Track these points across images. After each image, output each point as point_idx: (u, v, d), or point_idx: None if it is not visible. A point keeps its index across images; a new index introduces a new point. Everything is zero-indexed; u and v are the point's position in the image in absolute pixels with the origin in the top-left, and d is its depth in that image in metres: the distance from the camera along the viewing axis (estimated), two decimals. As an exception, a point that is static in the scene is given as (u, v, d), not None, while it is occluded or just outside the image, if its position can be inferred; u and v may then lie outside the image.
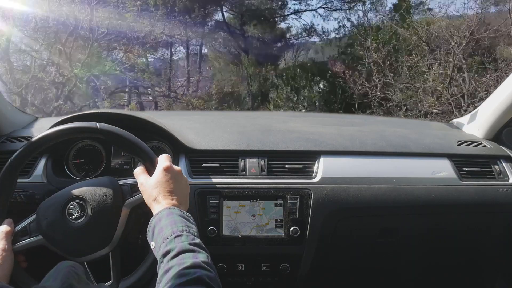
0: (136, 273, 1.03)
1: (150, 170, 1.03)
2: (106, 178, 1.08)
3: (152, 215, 0.93)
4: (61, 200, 1.03)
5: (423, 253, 1.50)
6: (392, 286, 1.68)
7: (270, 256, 1.30)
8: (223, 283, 1.31)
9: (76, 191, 1.04)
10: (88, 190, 1.04)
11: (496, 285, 1.60)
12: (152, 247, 0.87)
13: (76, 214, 1.01)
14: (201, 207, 1.26)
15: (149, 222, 0.90)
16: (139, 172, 1.03)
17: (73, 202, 1.02)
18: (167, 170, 0.99)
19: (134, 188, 1.04)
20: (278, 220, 1.28)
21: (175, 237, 0.82)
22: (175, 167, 1.02)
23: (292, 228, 1.26)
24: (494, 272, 1.61)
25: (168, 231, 0.83)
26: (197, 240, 0.83)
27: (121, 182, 1.07)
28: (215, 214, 1.26)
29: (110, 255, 1.03)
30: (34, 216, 1.04)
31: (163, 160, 1.02)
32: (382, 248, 1.45)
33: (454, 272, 1.64)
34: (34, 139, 1.03)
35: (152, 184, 0.97)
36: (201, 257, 0.78)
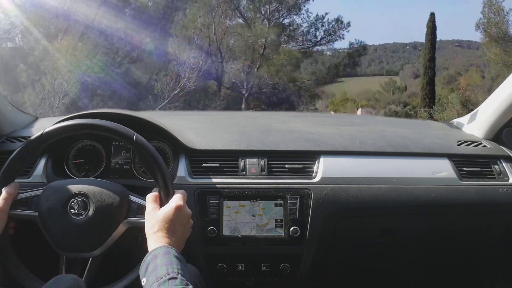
0: None
1: (162, 200, 1.01)
2: (119, 187, 1.06)
3: (145, 242, 0.93)
4: (68, 190, 1.03)
5: (423, 253, 1.50)
6: (392, 286, 1.68)
7: (270, 256, 1.30)
8: (223, 283, 1.32)
9: (86, 188, 1.03)
10: (98, 192, 1.03)
11: (496, 285, 1.60)
12: (142, 283, 0.85)
13: (77, 210, 1.01)
14: (201, 207, 1.26)
15: (144, 258, 0.88)
16: (151, 199, 1.01)
17: (78, 197, 1.02)
18: (178, 209, 0.97)
19: (141, 210, 1.03)
20: (278, 220, 1.28)
21: (170, 278, 0.79)
22: (187, 209, 1.00)
23: (292, 228, 1.26)
24: (494, 272, 1.61)
25: (163, 271, 0.81)
26: (190, 286, 0.81)
27: (132, 198, 1.06)
28: (215, 214, 1.26)
29: (89, 261, 1.02)
30: (39, 192, 1.04)
31: (179, 198, 1.00)
32: (382, 248, 1.45)
33: (454, 272, 1.64)
34: (67, 123, 1.02)
35: (158, 217, 0.95)
36: None
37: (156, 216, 0.96)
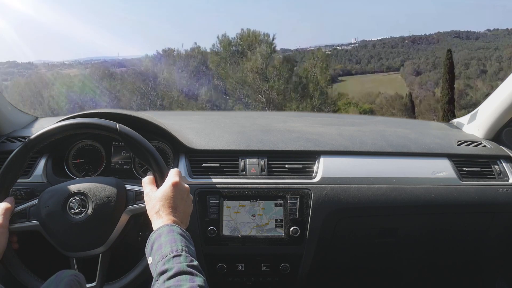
0: (122, 280, 1.02)
1: (158, 182, 1.02)
2: (114, 179, 1.07)
3: (151, 225, 0.93)
4: (64, 192, 1.03)
5: (423, 253, 1.50)
6: (392, 286, 1.68)
7: (270, 256, 1.30)
8: (223, 283, 1.32)
9: (81, 186, 1.04)
10: (93, 188, 1.03)
11: (496, 285, 1.60)
12: (149, 262, 0.85)
13: (77, 209, 1.01)
14: (201, 207, 1.26)
15: (149, 237, 0.88)
16: (147, 181, 1.02)
17: (76, 196, 1.02)
18: (175, 185, 0.97)
19: (139, 196, 1.04)
20: (278, 220, 1.28)
21: (174, 256, 0.80)
22: (184, 184, 1.01)
23: (292, 228, 1.26)
24: (494, 272, 1.61)
25: (167, 249, 0.82)
26: (195, 262, 0.81)
27: (128, 187, 1.06)
28: (215, 214, 1.26)
29: (100, 257, 1.02)
30: (36, 201, 1.04)
31: (173, 175, 1.00)
32: (382, 248, 1.45)
33: (454, 272, 1.64)
34: (47, 128, 1.03)
35: (157, 197, 0.96)
36: (198, 280, 0.77)
37: (155, 196, 0.96)
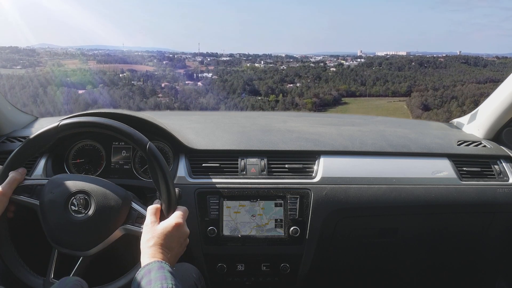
0: None
1: (162, 213, 1.01)
2: (124, 191, 1.05)
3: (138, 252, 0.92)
4: (72, 186, 1.03)
5: (423, 253, 1.50)
6: (392, 286, 1.68)
7: (270, 256, 1.30)
8: (223, 283, 1.32)
9: (90, 187, 1.03)
10: (101, 193, 1.02)
11: (496, 285, 1.60)
12: None
13: (77, 207, 1.01)
14: (201, 207, 1.26)
15: (137, 272, 0.87)
16: (152, 211, 1.00)
17: (81, 195, 1.01)
18: (178, 227, 0.96)
19: (140, 219, 1.02)
20: (278, 220, 1.28)
21: None
22: (186, 228, 0.99)
23: (292, 228, 1.27)
24: (494, 272, 1.61)
25: (157, 286, 0.80)
26: None
27: (134, 206, 1.04)
28: (215, 214, 1.26)
29: (79, 260, 1.01)
30: (45, 181, 1.04)
31: (179, 215, 0.99)
32: (382, 248, 1.45)
33: (454, 272, 1.64)
34: (85, 119, 1.02)
35: (156, 232, 0.94)
36: None
37: (154, 230, 0.95)
